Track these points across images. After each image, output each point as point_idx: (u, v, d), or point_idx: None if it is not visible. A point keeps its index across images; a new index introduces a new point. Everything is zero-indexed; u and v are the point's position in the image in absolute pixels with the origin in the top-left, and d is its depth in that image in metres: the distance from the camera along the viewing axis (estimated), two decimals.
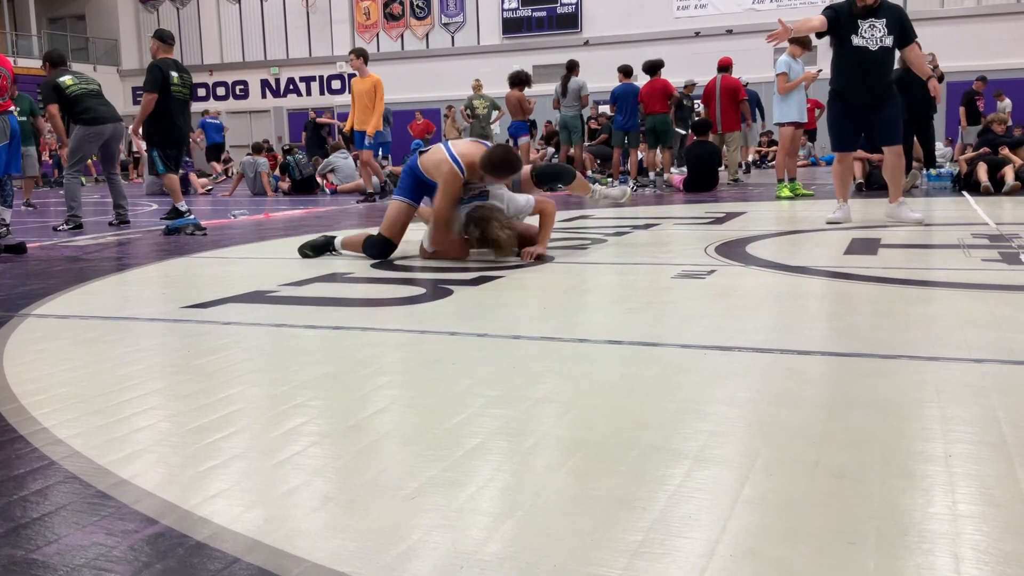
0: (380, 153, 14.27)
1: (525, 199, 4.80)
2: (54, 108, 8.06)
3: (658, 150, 12.21)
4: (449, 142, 4.77)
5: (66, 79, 8.04)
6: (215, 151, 20.05)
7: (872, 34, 5.93)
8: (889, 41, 5.94)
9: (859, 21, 5.89)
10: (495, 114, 13.59)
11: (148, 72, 8.01)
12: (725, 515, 1.38)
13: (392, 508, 1.44)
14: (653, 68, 11.89)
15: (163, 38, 8.44)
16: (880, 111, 6.07)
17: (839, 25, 5.94)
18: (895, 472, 1.54)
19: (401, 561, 1.26)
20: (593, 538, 1.31)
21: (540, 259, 4.52)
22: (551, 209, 4.80)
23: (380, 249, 4.81)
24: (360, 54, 10.72)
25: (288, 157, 13.89)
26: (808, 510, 1.39)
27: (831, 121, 6.27)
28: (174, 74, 8.00)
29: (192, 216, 7.86)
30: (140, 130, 8.13)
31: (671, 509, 1.41)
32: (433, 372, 2.37)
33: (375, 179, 11.95)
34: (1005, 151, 9.40)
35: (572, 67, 12.23)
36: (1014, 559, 1.21)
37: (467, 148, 4.64)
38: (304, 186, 13.45)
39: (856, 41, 5.91)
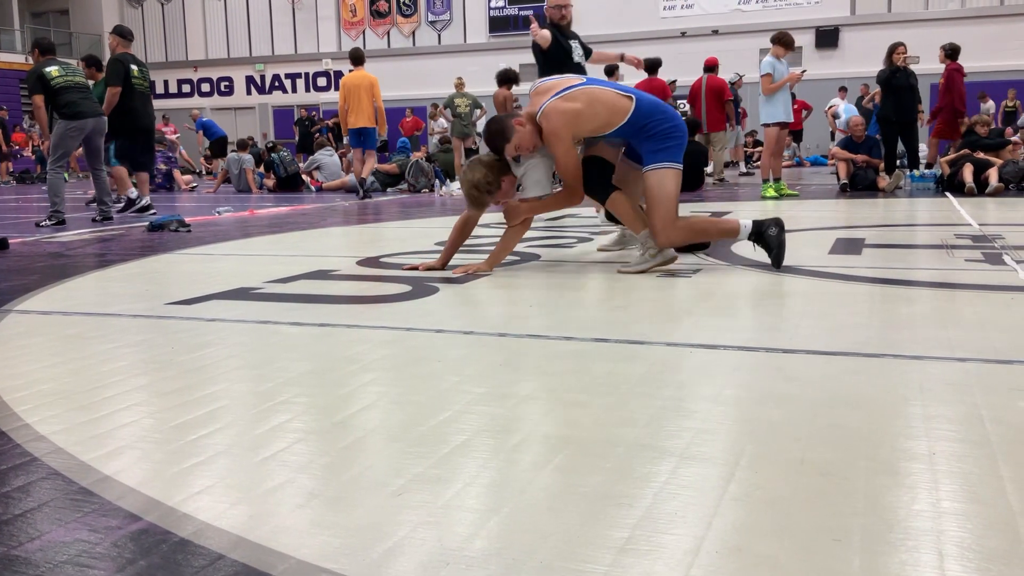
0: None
1: (536, 189, 4.11)
2: (39, 99, 7.92)
3: None
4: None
5: (51, 69, 7.89)
6: (221, 145, 18.99)
7: (579, 52, 6.14)
8: (584, 59, 6.20)
9: (570, 41, 6.08)
10: (477, 112, 13.58)
11: (109, 66, 8.37)
12: (711, 512, 1.38)
13: (378, 505, 1.44)
14: (654, 67, 11.94)
15: (123, 34, 8.75)
16: None
17: (566, 50, 6.04)
18: (880, 469, 1.55)
19: (387, 558, 1.25)
20: (579, 535, 1.31)
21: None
22: (520, 227, 4.23)
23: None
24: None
25: (272, 155, 13.81)
26: (793, 507, 1.40)
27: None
28: (134, 67, 8.44)
29: (146, 201, 8.25)
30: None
31: (657, 506, 1.41)
32: (419, 369, 2.37)
33: (352, 177, 11.96)
34: (980, 154, 9.46)
35: None
36: (997, 555, 1.22)
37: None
38: (290, 183, 13.40)
39: (576, 59, 6.03)
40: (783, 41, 9.47)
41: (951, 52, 11.00)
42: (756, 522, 1.34)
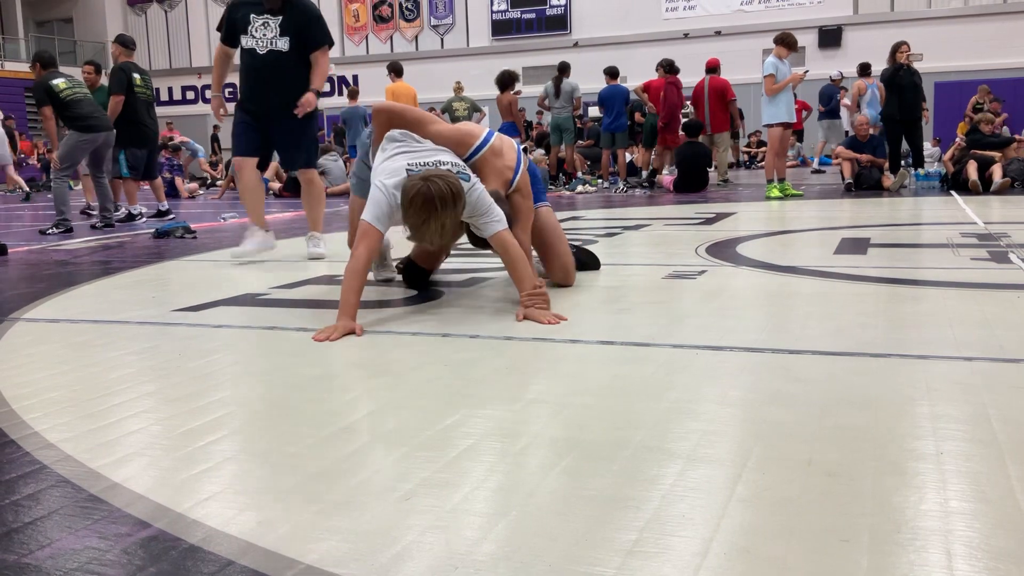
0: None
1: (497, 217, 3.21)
2: (48, 111, 8.05)
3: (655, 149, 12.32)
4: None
5: (58, 82, 8.01)
6: None
7: (264, 34, 4.99)
8: (283, 44, 4.97)
9: (252, 17, 4.97)
10: (476, 116, 13.54)
11: (113, 76, 8.63)
12: (719, 514, 1.38)
13: (386, 509, 1.44)
14: (670, 70, 11.99)
15: (125, 43, 9.01)
16: (279, 126, 5.10)
17: (233, 20, 5.05)
18: (887, 470, 1.55)
19: (395, 562, 1.26)
20: (587, 537, 1.31)
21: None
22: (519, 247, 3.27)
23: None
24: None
25: None
26: (801, 508, 1.40)
27: (233, 131, 5.23)
28: (136, 76, 8.69)
29: (142, 219, 8.46)
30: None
31: (665, 508, 1.41)
32: (425, 373, 2.37)
33: None
34: (978, 153, 9.44)
35: (564, 69, 12.26)
36: (1006, 555, 1.22)
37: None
38: (298, 187, 13.42)
39: (245, 42, 5.01)
40: (786, 42, 9.47)
41: (668, 67, 11.49)
42: (764, 523, 1.34)
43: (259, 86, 5.02)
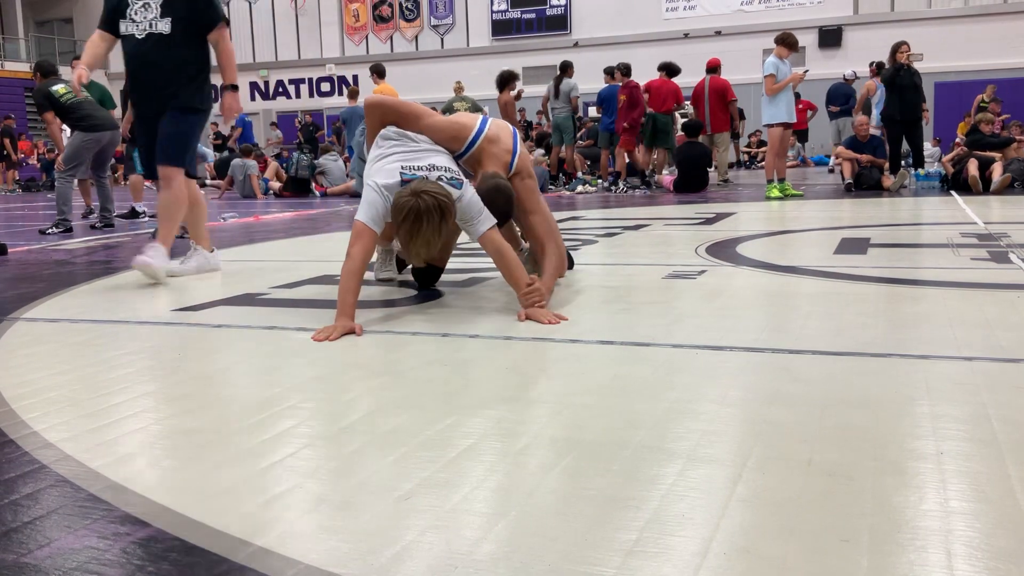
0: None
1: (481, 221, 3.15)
2: (50, 115, 8.18)
3: (654, 149, 12.30)
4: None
5: (58, 88, 8.12)
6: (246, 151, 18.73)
7: (144, 17, 4.35)
8: (164, 26, 4.32)
9: (130, 1, 4.37)
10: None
11: None
12: (718, 513, 1.38)
13: (385, 509, 1.44)
14: (672, 71, 11.98)
15: None
16: (165, 118, 4.44)
17: (112, 4, 4.43)
18: (887, 470, 1.54)
19: (395, 562, 1.26)
20: (587, 537, 1.31)
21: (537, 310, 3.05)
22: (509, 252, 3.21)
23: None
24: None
25: (294, 154, 14.02)
26: (801, 508, 1.39)
27: (138, 146, 4.67)
28: None
29: (144, 217, 8.54)
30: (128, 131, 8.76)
31: (665, 508, 1.41)
32: (425, 373, 2.37)
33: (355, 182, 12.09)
34: (978, 153, 9.44)
35: (565, 68, 12.27)
36: (1006, 554, 1.22)
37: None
38: (297, 187, 13.45)
39: (124, 28, 4.38)
40: (787, 42, 9.47)
41: (625, 70, 11.58)
42: (764, 523, 1.34)
43: (140, 79, 4.45)
